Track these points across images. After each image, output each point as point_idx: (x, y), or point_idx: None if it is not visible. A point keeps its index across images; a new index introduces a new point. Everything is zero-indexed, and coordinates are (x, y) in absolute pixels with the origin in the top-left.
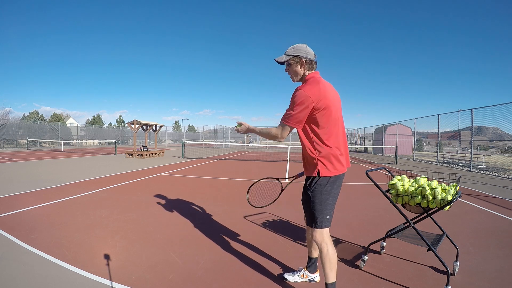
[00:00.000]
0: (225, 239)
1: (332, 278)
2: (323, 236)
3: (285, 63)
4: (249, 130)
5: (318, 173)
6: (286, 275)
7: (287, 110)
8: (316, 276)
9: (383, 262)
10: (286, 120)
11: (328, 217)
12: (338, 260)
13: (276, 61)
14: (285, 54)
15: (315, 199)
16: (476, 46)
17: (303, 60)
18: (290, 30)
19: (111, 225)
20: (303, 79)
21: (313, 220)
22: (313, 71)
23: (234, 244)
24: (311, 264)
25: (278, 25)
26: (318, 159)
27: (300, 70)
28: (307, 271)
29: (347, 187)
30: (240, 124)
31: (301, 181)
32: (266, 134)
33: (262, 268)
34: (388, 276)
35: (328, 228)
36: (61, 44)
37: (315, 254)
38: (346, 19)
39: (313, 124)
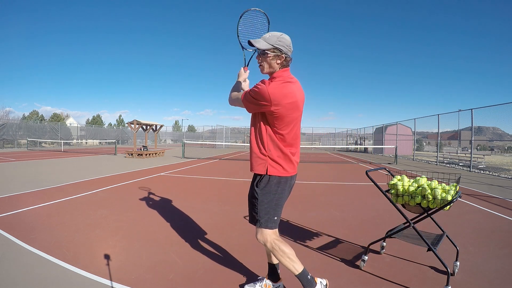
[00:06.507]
0: (225, 239)
1: (298, 268)
2: (266, 236)
3: (262, 51)
4: (240, 81)
5: (267, 171)
6: (246, 287)
7: (248, 93)
8: (280, 285)
9: (383, 262)
10: (244, 100)
11: (276, 218)
12: (338, 260)
13: (250, 43)
14: (264, 40)
15: (263, 198)
16: (476, 46)
17: (283, 56)
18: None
19: (111, 225)
20: (272, 75)
21: (257, 218)
22: (285, 68)
23: (234, 244)
24: (272, 272)
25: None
26: (269, 157)
27: (275, 65)
28: (268, 280)
29: (347, 187)
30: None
31: (303, 181)
32: (234, 95)
33: (262, 268)
34: (388, 276)
35: (276, 229)
36: (62, 44)
37: (275, 260)
38: (345, 18)
39: (270, 123)
